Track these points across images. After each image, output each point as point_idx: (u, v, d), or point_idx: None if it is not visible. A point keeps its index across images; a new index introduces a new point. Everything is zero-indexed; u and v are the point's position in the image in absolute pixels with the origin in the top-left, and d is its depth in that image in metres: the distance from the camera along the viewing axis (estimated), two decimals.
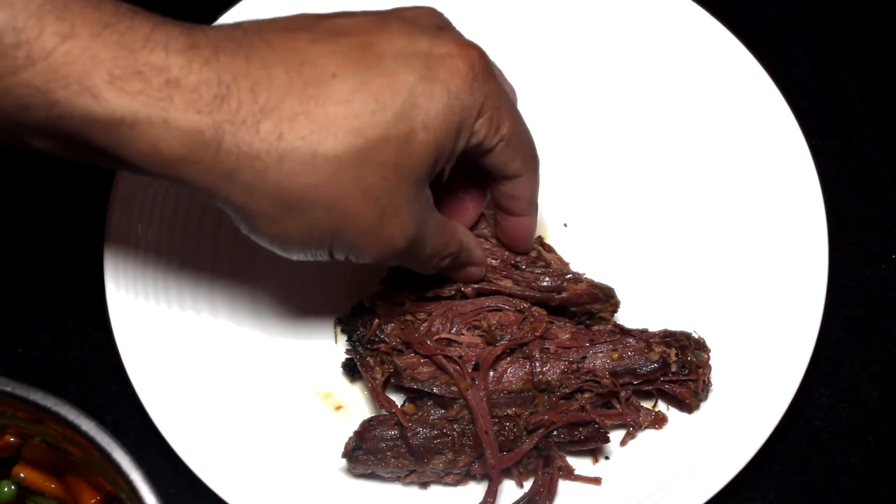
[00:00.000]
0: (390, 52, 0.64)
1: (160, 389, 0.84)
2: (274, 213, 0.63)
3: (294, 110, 0.60)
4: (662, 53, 0.99)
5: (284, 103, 0.60)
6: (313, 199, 0.62)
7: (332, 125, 0.61)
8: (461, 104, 0.66)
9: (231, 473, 0.82)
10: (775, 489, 0.89)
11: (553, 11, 1.01)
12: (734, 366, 0.87)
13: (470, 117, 0.68)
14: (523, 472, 0.84)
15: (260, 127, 0.59)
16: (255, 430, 0.86)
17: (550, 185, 0.96)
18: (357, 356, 0.85)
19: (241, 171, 0.60)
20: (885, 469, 0.90)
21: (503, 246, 0.86)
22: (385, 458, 0.82)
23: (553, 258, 0.88)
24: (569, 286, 0.86)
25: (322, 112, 0.61)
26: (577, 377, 0.83)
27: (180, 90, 0.57)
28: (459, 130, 0.67)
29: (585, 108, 0.99)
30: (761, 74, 0.95)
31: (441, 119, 0.65)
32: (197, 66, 0.58)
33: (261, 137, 0.59)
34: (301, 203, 0.62)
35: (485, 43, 1.00)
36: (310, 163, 0.61)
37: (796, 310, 0.87)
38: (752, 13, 1.09)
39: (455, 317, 0.84)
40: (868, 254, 0.99)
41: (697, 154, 0.97)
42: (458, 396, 0.82)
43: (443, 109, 0.65)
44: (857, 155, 1.03)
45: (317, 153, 0.61)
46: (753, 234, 0.92)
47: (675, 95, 0.99)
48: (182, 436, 0.83)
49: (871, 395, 0.93)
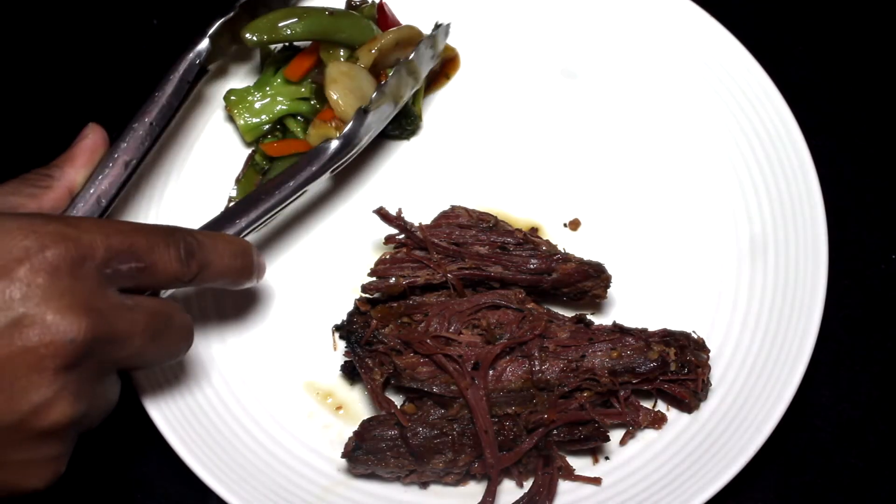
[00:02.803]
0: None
1: (160, 390, 0.85)
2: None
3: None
4: (663, 54, 0.99)
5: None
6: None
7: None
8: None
9: (231, 474, 0.82)
10: (775, 489, 0.89)
11: (554, 13, 1.02)
12: (734, 366, 0.87)
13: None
14: (523, 472, 0.84)
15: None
16: (255, 430, 0.87)
17: (551, 186, 0.97)
18: (356, 358, 0.85)
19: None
20: (885, 469, 0.90)
21: (490, 230, 0.87)
22: (385, 458, 0.82)
23: (541, 241, 0.89)
24: (558, 266, 0.86)
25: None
26: (577, 376, 0.83)
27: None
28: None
29: (586, 109, 0.99)
30: (761, 74, 0.95)
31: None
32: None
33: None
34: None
35: (486, 43, 1.02)
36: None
37: (796, 309, 0.87)
38: (752, 13, 1.09)
39: (452, 315, 0.84)
40: (868, 254, 0.99)
41: (697, 154, 0.97)
42: (457, 395, 0.82)
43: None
44: (857, 155, 1.03)
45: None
46: (753, 233, 0.93)
47: (674, 95, 0.99)
48: (182, 436, 0.83)
49: (871, 395, 0.93)
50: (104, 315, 0.64)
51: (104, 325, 0.64)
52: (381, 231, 0.88)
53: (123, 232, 0.67)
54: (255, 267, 0.80)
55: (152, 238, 0.69)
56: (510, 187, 0.97)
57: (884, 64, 1.08)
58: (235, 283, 0.79)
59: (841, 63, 1.07)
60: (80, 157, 0.81)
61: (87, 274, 0.64)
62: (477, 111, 1.00)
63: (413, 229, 0.87)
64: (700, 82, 0.98)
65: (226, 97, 0.95)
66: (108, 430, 0.89)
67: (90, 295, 0.63)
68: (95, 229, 0.65)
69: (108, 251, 0.65)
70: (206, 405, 0.86)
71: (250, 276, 0.80)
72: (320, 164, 0.84)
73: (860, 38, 1.09)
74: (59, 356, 0.61)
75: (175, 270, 0.70)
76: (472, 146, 0.99)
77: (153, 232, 0.69)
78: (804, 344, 0.85)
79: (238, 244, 0.78)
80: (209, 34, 0.88)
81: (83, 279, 0.63)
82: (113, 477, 0.90)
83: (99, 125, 0.82)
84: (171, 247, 0.70)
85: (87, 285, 0.63)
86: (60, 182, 0.79)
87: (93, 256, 0.64)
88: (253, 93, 0.95)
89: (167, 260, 0.69)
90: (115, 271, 0.66)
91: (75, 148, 0.81)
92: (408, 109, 0.96)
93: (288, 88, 0.95)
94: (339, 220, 0.96)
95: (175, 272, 0.70)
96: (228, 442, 0.85)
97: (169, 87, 0.87)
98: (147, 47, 1.08)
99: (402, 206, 0.88)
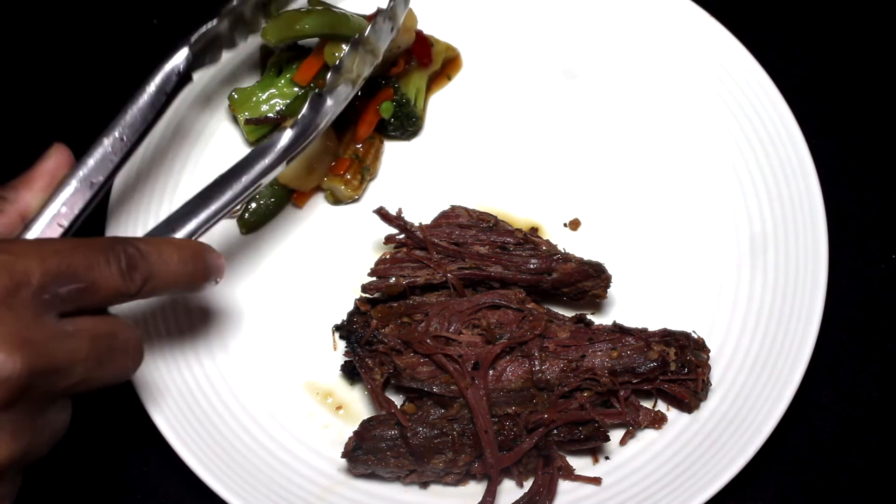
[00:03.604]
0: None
1: (160, 390, 0.85)
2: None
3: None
4: (663, 54, 0.99)
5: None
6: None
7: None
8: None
9: (231, 474, 0.82)
10: (775, 489, 0.89)
11: (555, 14, 1.02)
12: (734, 366, 0.87)
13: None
14: (523, 472, 0.84)
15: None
16: (255, 430, 0.87)
17: (551, 186, 0.97)
18: (356, 358, 0.85)
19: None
20: (885, 469, 0.90)
21: (490, 231, 0.87)
22: (385, 458, 0.82)
23: (541, 241, 0.89)
24: (558, 266, 0.86)
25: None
26: (577, 375, 0.83)
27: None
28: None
29: (586, 109, 0.99)
30: (761, 74, 0.95)
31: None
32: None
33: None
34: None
35: (487, 43, 1.02)
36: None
37: (796, 309, 0.87)
38: (752, 13, 1.09)
39: (452, 315, 0.85)
40: (868, 254, 0.99)
41: (697, 153, 0.97)
42: (457, 395, 0.82)
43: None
44: (857, 155, 1.03)
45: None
46: (753, 233, 0.93)
47: (674, 95, 0.99)
48: (182, 436, 0.83)
49: (871, 395, 0.93)
50: (42, 346, 0.59)
51: (42, 357, 0.59)
52: (381, 231, 0.88)
53: (60, 252, 0.62)
54: (212, 269, 0.74)
55: (90, 254, 0.63)
56: (510, 187, 0.97)
57: (884, 64, 1.08)
58: (190, 288, 0.74)
59: (841, 63, 1.07)
60: (39, 180, 0.75)
61: (22, 303, 0.59)
62: (478, 111, 1.00)
63: (413, 229, 0.87)
64: (700, 82, 0.98)
65: (230, 97, 0.95)
66: (108, 430, 0.90)
67: (25, 326, 0.58)
68: (30, 253, 0.61)
69: (44, 275, 0.60)
70: (206, 405, 0.86)
71: (206, 279, 0.74)
72: (274, 157, 0.79)
73: (860, 38, 1.09)
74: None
75: (117, 286, 0.65)
76: (473, 146, 0.99)
77: (91, 247, 0.64)
78: (804, 344, 0.85)
79: (188, 248, 0.72)
80: (190, 42, 0.83)
81: (17, 309, 0.58)
82: (113, 477, 0.90)
83: (64, 146, 0.77)
84: (112, 261, 0.64)
85: (22, 315, 0.59)
86: (13, 206, 0.73)
87: (28, 283, 0.59)
88: (257, 93, 0.95)
89: (108, 276, 0.64)
90: (54, 296, 0.61)
91: (34, 170, 0.75)
92: (409, 110, 0.96)
93: (292, 89, 0.95)
94: (339, 220, 0.96)
95: (117, 288, 0.65)
96: (228, 442, 0.85)
97: (141, 99, 0.81)
98: (147, 47, 1.08)
99: (402, 206, 0.88)
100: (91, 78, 1.07)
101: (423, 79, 0.98)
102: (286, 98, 0.95)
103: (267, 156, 0.79)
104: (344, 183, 0.94)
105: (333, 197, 0.96)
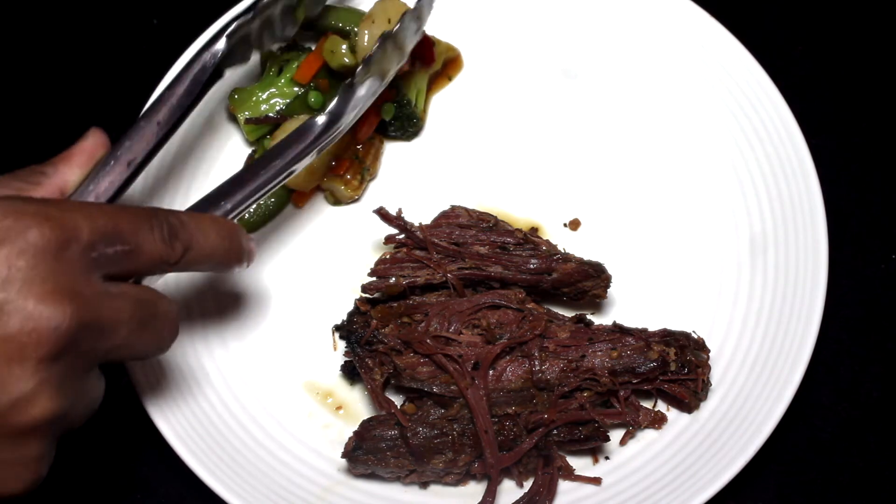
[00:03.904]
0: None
1: (161, 390, 0.85)
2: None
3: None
4: (663, 54, 0.99)
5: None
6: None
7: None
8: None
9: (231, 474, 0.82)
10: (775, 489, 0.89)
11: (555, 14, 1.02)
12: (734, 366, 0.87)
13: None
14: (523, 472, 0.84)
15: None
16: (255, 430, 0.87)
17: (551, 186, 0.97)
18: (356, 358, 0.85)
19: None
20: (885, 469, 0.90)
21: (490, 231, 0.87)
22: (385, 458, 0.82)
23: (541, 241, 0.89)
24: (558, 266, 0.86)
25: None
26: (577, 375, 0.83)
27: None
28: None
29: (586, 109, 0.99)
30: (761, 74, 0.95)
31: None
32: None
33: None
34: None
35: (488, 44, 1.02)
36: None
37: (796, 309, 0.87)
38: (752, 13, 1.09)
39: (452, 315, 0.85)
40: (868, 254, 0.99)
41: (697, 153, 0.97)
42: (457, 395, 0.82)
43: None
44: (857, 155, 1.03)
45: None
46: (753, 233, 0.93)
47: (674, 95, 0.99)
48: (182, 436, 0.83)
49: (871, 395, 0.93)
50: (90, 302, 0.60)
51: (90, 312, 0.60)
52: (381, 231, 0.88)
53: (107, 213, 0.63)
54: (244, 250, 0.76)
55: (135, 219, 0.65)
56: (510, 187, 0.97)
57: (884, 64, 1.08)
58: (224, 266, 0.75)
59: (841, 63, 1.07)
60: (77, 157, 0.77)
61: (72, 258, 0.60)
62: (478, 112, 1.00)
63: (413, 229, 0.87)
64: (700, 82, 0.98)
65: (230, 96, 0.95)
66: (108, 430, 0.90)
67: (75, 280, 0.60)
68: (79, 211, 0.62)
69: (92, 233, 0.61)
70: (206, 405, 0.86)
71: (239, 259, 0.75)
72: (307, 143, 0.80)
73: (860, 38, 1.09)
74: (42, 346, 0.58)
75: (160, 252, 0.66)
76: (473, 146, 0.99)
77: (136, 213, 0.66)
78: (804, 344, 0.85)
79: (225, 225, 0.74)
80: (227, 34, 0.84)
81: (68, 263, 0.60)
82: (113, 477, 0.90)
83: (101, 129, 0.79)
84: (155, 228, 0.66)
85: (72, 270, 0.60)
86: (52, 180, 0.75)
87: (77, 239, 0.60)
88: (257, 93, 0.95)
89: (151, 241, 0.65)
90: (101, 255, 0.62)
91: (73, 148, 0.77)
92: (410, 111, 0.96)
93: (292, 88, 0.95)
94: (339, 221, 0.96)
95: (160, 254, 0.66)
96: (228, 442, 0.85)
97: (181, 86, 0.82)
98: (147, 47, 1.08)
99: (402, 206, 0.88)
100: (91, 78, 1.07)
101: (423, 79, 0.98)
102: (286, 97, 0.95)
103: (302, 142, 0.80)
104: (344, 183, 0.94)
105: (333, 197, 0.96)
